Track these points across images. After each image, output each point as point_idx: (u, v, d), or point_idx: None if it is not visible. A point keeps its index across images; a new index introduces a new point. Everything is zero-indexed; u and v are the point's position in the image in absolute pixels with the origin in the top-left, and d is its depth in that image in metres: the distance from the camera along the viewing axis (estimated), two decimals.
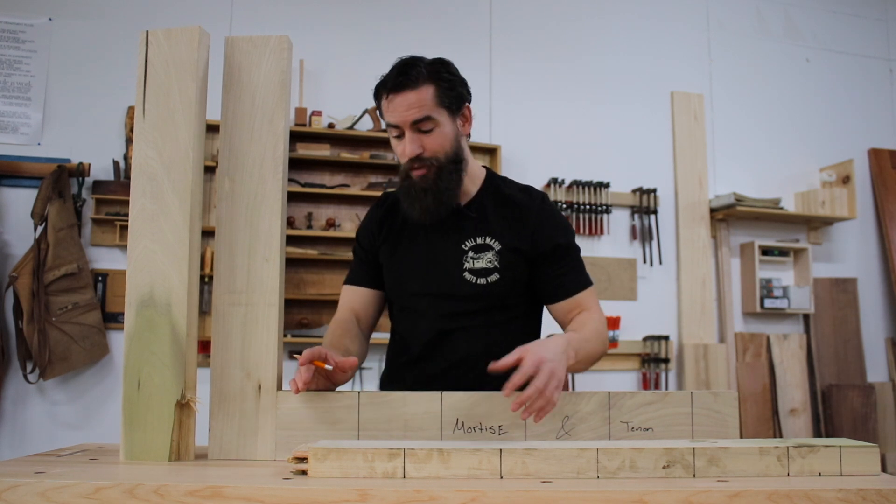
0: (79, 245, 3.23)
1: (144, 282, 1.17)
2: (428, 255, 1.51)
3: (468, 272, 1.48)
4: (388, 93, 1.40)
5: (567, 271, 1.49)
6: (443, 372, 1.49)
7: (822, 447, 1.03)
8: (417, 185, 1.44)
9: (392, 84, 1.40)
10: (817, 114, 4.49)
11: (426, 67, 1.42)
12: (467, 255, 1.48)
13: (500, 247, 1.48)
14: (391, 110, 1.41)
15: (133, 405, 1.15)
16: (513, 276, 1.48)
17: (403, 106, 1.39)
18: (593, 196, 4.00)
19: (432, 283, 1.49)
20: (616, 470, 1.00)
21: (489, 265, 1.47)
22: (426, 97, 1.40)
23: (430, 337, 1.50)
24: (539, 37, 4.07)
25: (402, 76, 1.40)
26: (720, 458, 1.02)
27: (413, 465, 1.00)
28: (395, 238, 1.56)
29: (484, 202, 1.53)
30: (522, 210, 1.51)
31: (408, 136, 1.41)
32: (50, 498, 0.92)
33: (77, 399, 3.29)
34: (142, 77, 1.21)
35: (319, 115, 3.60)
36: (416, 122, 1.40)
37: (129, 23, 3.47)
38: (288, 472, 1.02)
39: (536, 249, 1.48)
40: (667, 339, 3.96)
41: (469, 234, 1.50)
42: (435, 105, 1.41)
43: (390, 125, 1.43)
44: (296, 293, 3.55)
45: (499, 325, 1.50)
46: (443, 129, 1.43)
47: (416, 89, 1.39)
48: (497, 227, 1.50)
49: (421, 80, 1.40)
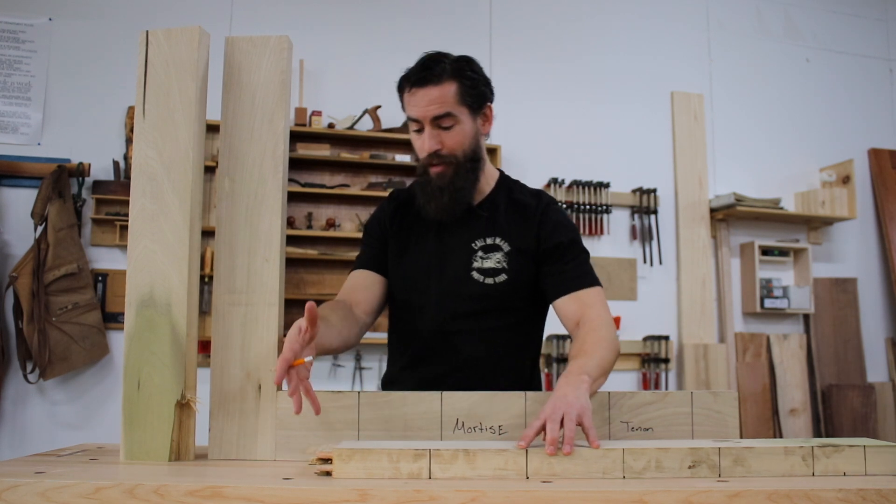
0: (79, 245, 3.23)
1: (144, 282, 1.17)
2: (437, 253, 1.49)
3: (476, 271, 1.47)
4: (411, 86, 1.41)
5: (570, 269, 1.47)
6: (444, 375, 1.47)
7: (847, 447, 1.03)
8: (434, 183, 1.44)
9: (416, 78, 1.40)
10: (817, 114, 4.49)
11: (451, 64, 1.42)
12: (476, 255, 1.48)
13: (509, 248, 1.47)
14: (413, 104, 1.41)
15: (133, 405, 1.15)
16: (520, 277, 1.47)
17: (425, 101, 1.39)
18: (593, 196, 4.00)
19: (440, 280, 1.48)
20: (642, 470, 1.00)
21: (497, 265, 1.46)
22: (448, 94, 1.40)
23: (432, 338, 1.48)
24: (539, 37, 4.07)
25: (425, 70, 1.40)
26: (745, 457, 1.01)
27: (439, 465, 0.99)
28: (405, 234, 1.55)
29: (496, 203, 1.52)
30: (529, 211, 1.50)
31: (427, 132, 1.41)
32: (50, 498, 0.92)
33: (77, 399, 3.29)
34: (142, 77, 1.21)
35: (319, 115, 3.60)
36: (436, 118, 1.40)
37: (129, 23, 3.47)
38: (312, 473, 1.01)
39: (540, 247, 1.47)
40: (667, 339, 3.96)
41: (479, 233, 1.49)
42: (456, 102, 1.41)
43: (411, 119, 1.43)
44: (296, 293, 3.55)
45: (502, 329, 1.48)
46: (463, 126, 1.43)
47: (439, 85, 1.39)
48: (506, 228, 1.49)
49: (444, 77, 1.40)
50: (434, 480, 0.97)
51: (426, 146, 1.42)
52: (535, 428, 1.05)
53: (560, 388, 1.15)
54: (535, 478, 0.99)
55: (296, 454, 1.17)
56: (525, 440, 1.04)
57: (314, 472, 1.01)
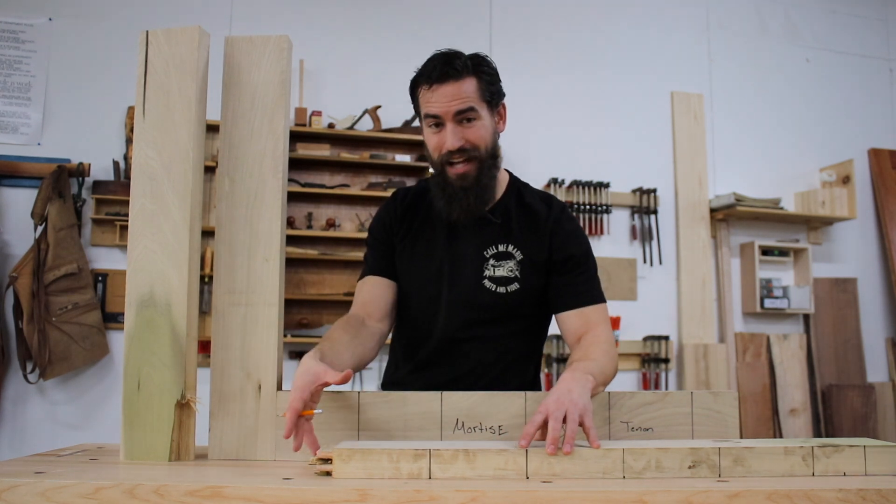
0: (79, 245, 3.23)
1: (144, 282, 1.17)
2: (448, 259, 1.46)
3: (488, 280, 1.45)
4: (432, 83, 1.37)
5: (580, 283, 1.45)
6: (452, 380, 1.44)
7: (847, 447, 1.03)
8: (456, 184, 1.41)
9: (437, 74, 1.37)
10: (817, 114, 4.49)
11: (468, 60, 1.40)
12: (488, 263, 1.45)
13: (521, 256, 1.45)
14: (433, 101, 1.38)
15: (133, 405, 1.15)
16: (531, 287, 1.45)
17: (447, 96, 1.37)
18: (593, 196, 4.00)
19: (451, 289, 1.46)
20: (642, 470, 1.00)
21: (510, 274, 1.44)
22: (469, 89, 1.38)
23: (441, 344, 1.46)
24: (539, 37, 4.07)
25: (447, 66, 1.37)
26: (745, 457, 1.01)
27: (439, 465, 0.99)
28: (413, 237, 1.51)
29: (508, 208, 1.49)
30: (541, 220, 1.48)
31: (449, 128, 1.38)
32: (50, 498, 0.92)
33: (77, 399, 3.29)
34: (142, 77, 1.21)
35: (319, 115, 3.60)
36: (459, 113, 1.37)
37: (129, 23, 3.47)
38: (312, 473, 1.01)
39: (552, 258, 1.45)
40: (667, 339, 3.96)
41: (491, 240, 1.46)
42: (477, 97, 1.39)
43: (429, 116, 1.39)
44: (296, 293, 3.55)
45: (511, 335, 1.47)
46: (483, 122, 1.41)
47: (460, 80, 1.37)
48: (519, 236, 1.47)
49: (465, 72, 1.38)
50: (434, 480, 0.97)
51: (449, 143, 1.38)
52: (535, 424, 1.05)
53: (564, 381, 1.14)
54: (535, 478, 0.99)
55: (296, 454, 1.17)
56: (526, 438, 1.03)
57: (314, 472, 1.01)
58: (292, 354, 3.49)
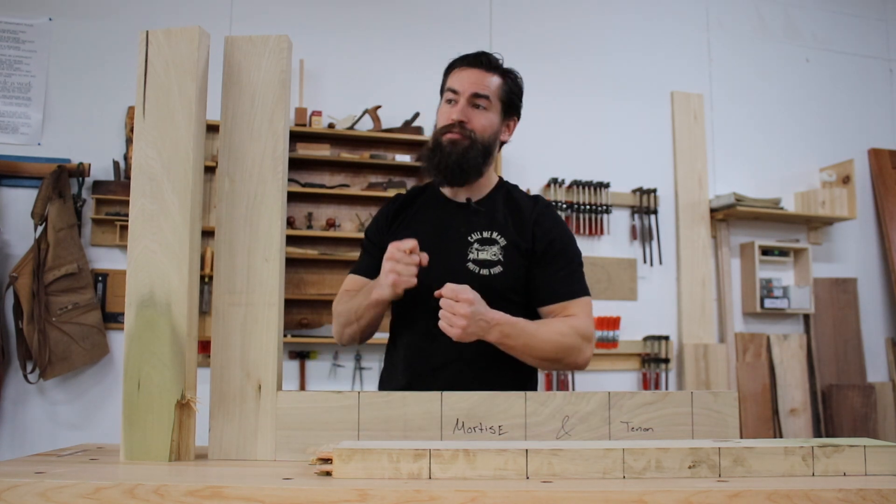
0: (79, 245, 3.23)
1: (144, 282, 1.17)
2: (433, 244, 1.50)
3: (472, 262, 1.50)
4: (464, 65, 1.52)
5: (562, 276, 1.50)
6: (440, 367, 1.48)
7: (847, 447, 1.02)
8: (445, 147, 1.51)
9: (472, 59, 1.54)
10: (817, 114, 4.49)
11: (503, 64, 1.56)
12: (472, 247, 1.51)
13: (505, 242, 1.51)
14: (458, 78, 1.52)
15: (133, 405, 1.14)
16: (515, 271, 1.50)
17: (472, 78, 1.51)
18: (593, 196, 4.00)
19: (434, 270, 1.47)
20: (642, 470, 1.00)
21: (493, 258, 1.50)
22: (493, 82, 1.53)
23: (427, 329, 1.48)
24: (539, 37, 4.07)
25: (483, 56, 1.54)
26: (745, 457, 1.01)
27: (439, 465, 0.99)
28: (402, 231, 1.58)
29: (494, 201, 1.58)
30: (526, 210, 1.56)
31: (461, 104, 1.51)
32: (50, 498, 0.92)
33: (77, 399, 3.29)
34: (142, 77, 1.20)
35: (319, 115, 3.60)
36: (474, 95, 1.50)
37: (129, 23, 3.47)
38: (312, 473, 1.01)
39: (534, 246, 1.51)
40: (667, 339, 3.96)
41: (476, 228, 1.53)
42: (497, 93, 1.53)
43: (450, 89, 1.53)
44: (296, 293, 3.55)
45: None
46: (491, 115, 1.53)
47: (489, 72, 1.53)
48: (503, 223, 1.54)
49: (495, 69, 1.54)
50: (434, 480, 0.97)
51: (453, 114, 1.51)
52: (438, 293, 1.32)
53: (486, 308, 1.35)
54: (535, 478, 0.99)
55: (296, 454, 1.17)
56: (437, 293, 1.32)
57: (314, 472, 1.01)
58: (292, 354, 3.49)
